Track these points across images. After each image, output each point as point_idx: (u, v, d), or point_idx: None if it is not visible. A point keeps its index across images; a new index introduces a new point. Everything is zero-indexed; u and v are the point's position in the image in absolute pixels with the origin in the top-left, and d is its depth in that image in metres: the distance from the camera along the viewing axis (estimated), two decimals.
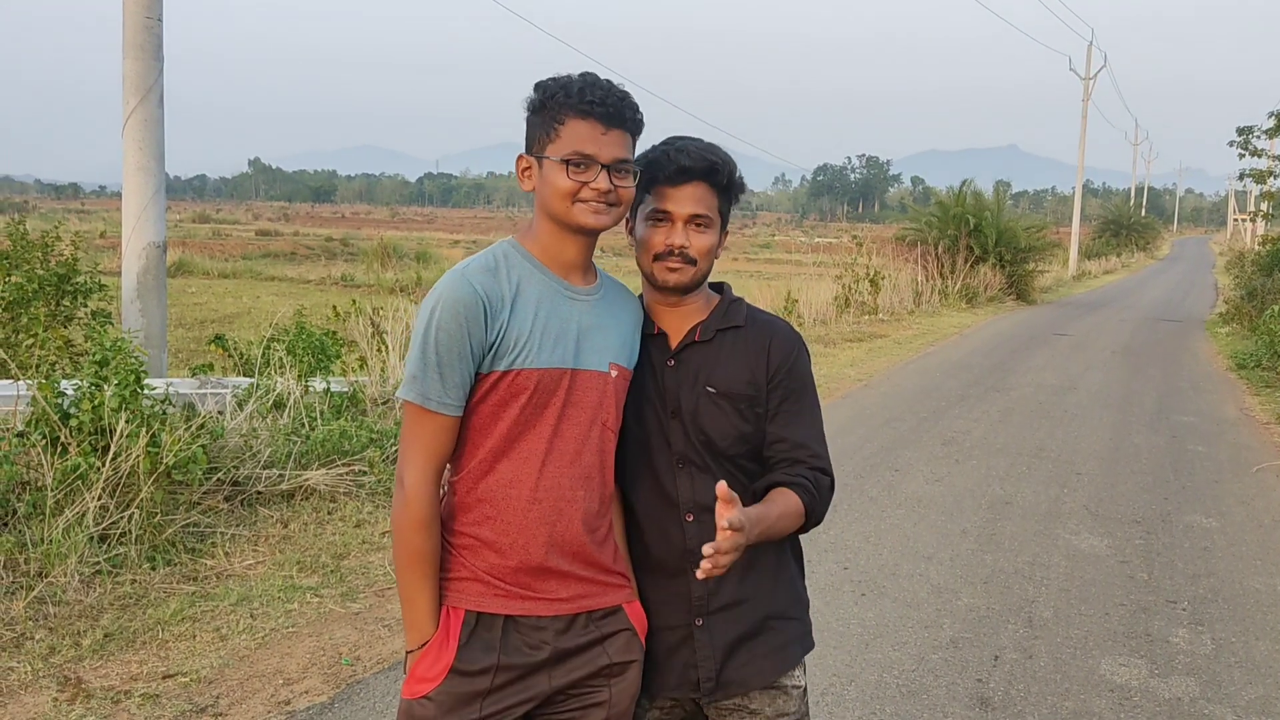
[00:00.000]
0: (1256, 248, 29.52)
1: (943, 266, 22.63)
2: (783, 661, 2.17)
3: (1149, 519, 6.79)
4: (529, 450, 1.98)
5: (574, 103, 1.94)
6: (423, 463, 1.96)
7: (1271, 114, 21.29)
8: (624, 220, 2.12)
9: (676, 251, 2.08)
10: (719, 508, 1.81)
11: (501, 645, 1.99)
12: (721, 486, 1.81)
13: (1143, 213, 68.43)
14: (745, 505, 1.96)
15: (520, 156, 2.04)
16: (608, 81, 1.99)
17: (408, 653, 2.02)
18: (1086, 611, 5.12)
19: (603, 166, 1.95)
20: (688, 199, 2.08)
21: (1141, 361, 14.93)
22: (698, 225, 2.09)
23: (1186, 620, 5.06)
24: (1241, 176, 24.95)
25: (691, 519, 2.12)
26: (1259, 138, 22.48)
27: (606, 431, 2.06)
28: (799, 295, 17.82)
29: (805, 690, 2.22)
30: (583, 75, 1.99)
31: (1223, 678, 4.43)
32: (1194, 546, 6.23)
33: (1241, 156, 22.68)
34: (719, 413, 2.12)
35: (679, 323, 2.18)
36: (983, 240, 23.51)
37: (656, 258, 2.09)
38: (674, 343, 2.16)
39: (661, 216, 2.09)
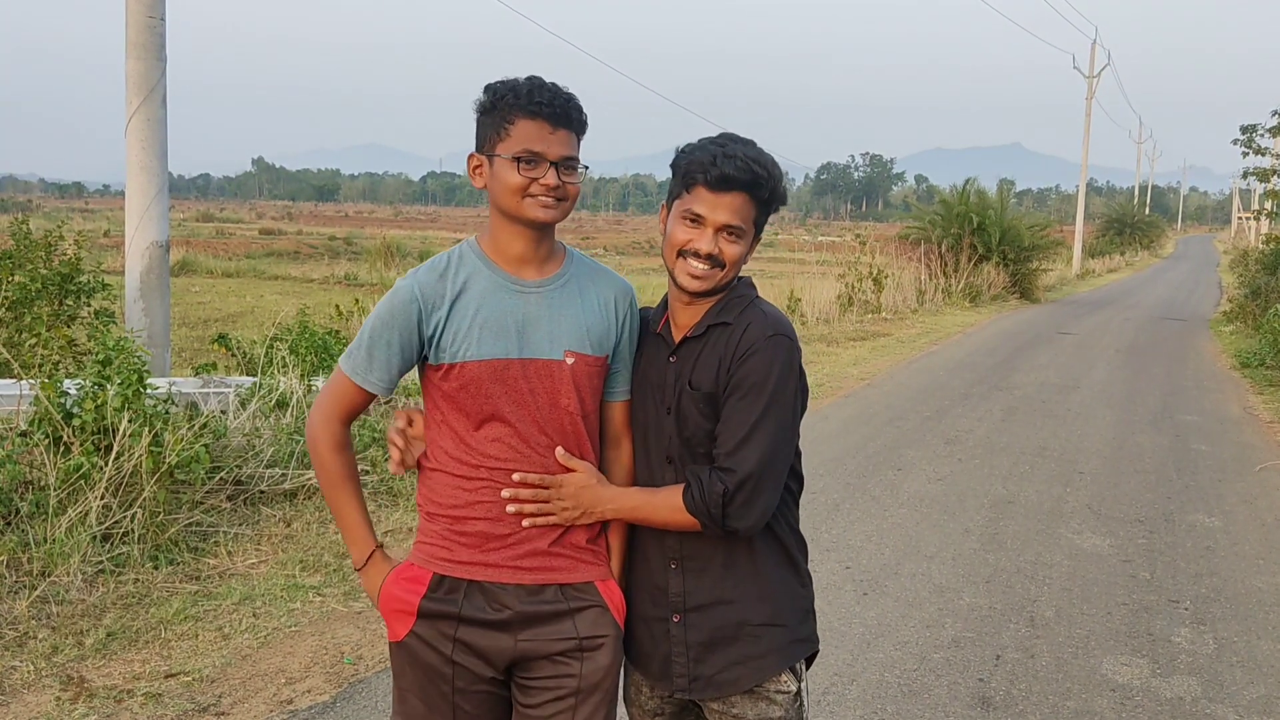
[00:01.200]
0: (1261, 246, 29.46)
1: (946, 265, 22.61)
2: (759, 670, 2.13)
3: (1151, 518, 6.78)
4: (486, 433, 2.11)
5: (523, 103, 2.04)
6: (329, 407, 2.18)
7: (1275, 112, 21.24)
8: (660, 209, 2.22)
9: (704, 256, 2.08)
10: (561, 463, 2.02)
11: (464, 603, 2.11)
12: (559, 450, 2.04)
13: (1147, 211, 68.28)
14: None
15: (471, 155, 2.15)
16: (554, 84, 2.08)
17: (355, 570, 2.23)
18: (1089, 611, 5.11)
19: (551, 163, 2.05)
20: (724, 208, 2.07)
21: (1145, 360, 14.90)
22: (730, 235, 2.09)
23: (1189, 620, 5.06)
24: (1245, 175, 24.90)
25: None
26: (1263, 136, 22.42)
27: (573, 416, 2.14)
28: (802, 294, 17.81)
29: (798, 694, 2.17)
30: (530, 78, 2.08)
31: (1225, 677, 4.43)
32: (1196, 546, 6.23)
33: (1245, 155, 22.62)
34: (694, 409, 2.11)
35: (690, 320, 2.17)
36: (986, 239, 23.47)
37: (680, 254, 2.10)
38: (679, 339, 2.17)
39: (695, 219, 2.09)
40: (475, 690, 2.14)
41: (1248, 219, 56.34)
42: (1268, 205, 23.58)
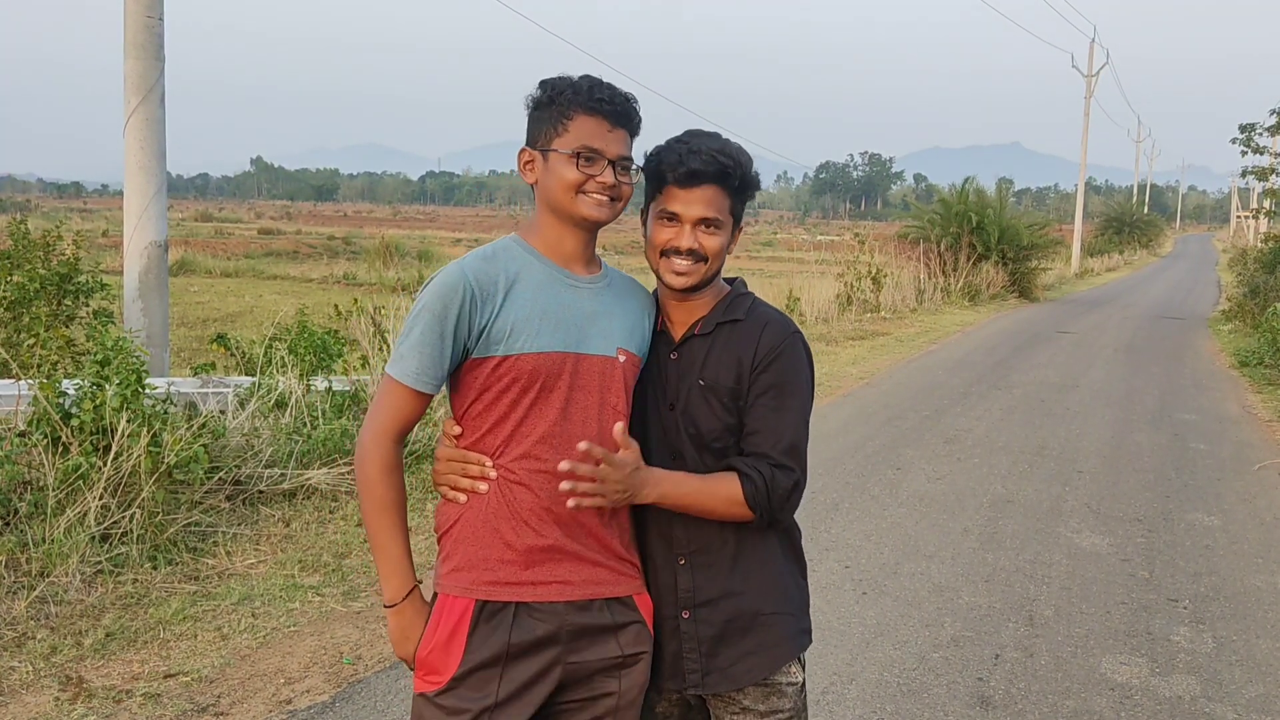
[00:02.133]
0: (1259, 245, 29.49)
1: (945, 264, 22.61)
2: (772, 659, 2.16)
3: (1150, 517, 6.78)
4: (536, 432, 2.02)
5: (583, 100, 2.01)
6: (383, 424, 2.02)
7: (1273, 111, 21.28)
8: (640, 214, 2.22)
9: (685, 252, 2.10)
10: (617, 441, 1.95)
11: (513, 628, 2.00)
12: (617, 426, 1.95)
13: (1145, 210, 68.31)
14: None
15: (523, 150, 2.10)
16: (610, 83, 2.06)
17: (387, 608, 2.05)
18: (1087, 610, 5.11)
19: (609, 162, 2.03)
20: (697, 202, 2.09)
21: (1144, 359, 14.91)
22: (707, 228, 2.11)
23: (1188, 619, 5.06)
24: (1244, 174, 24.94)
25: (679, 512, 2.13)
26: (1261, 135, 22.47)
27: (617, 415, 2.08)
28: (801, 293, 17.81)
29: (802, 686, 2.21)
30: (586, 76, 2.05)
31: (1224, 676, 4.43)
32: (1195, 545, 6.23)
33: (1244, 154, 22.68)
34: (705, 405, 2.13)
35: (687, 316, 2.20)
36: (985, 238, 23.48)
37: (663, 254, 2.12)
38: (678, 336, 2.19)
39: (671, 217, 2.11)
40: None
41: (1246, 218, 56.38)
42: (1266, 204, 23.62)
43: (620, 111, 2.04)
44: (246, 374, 7.80)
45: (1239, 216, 70.13)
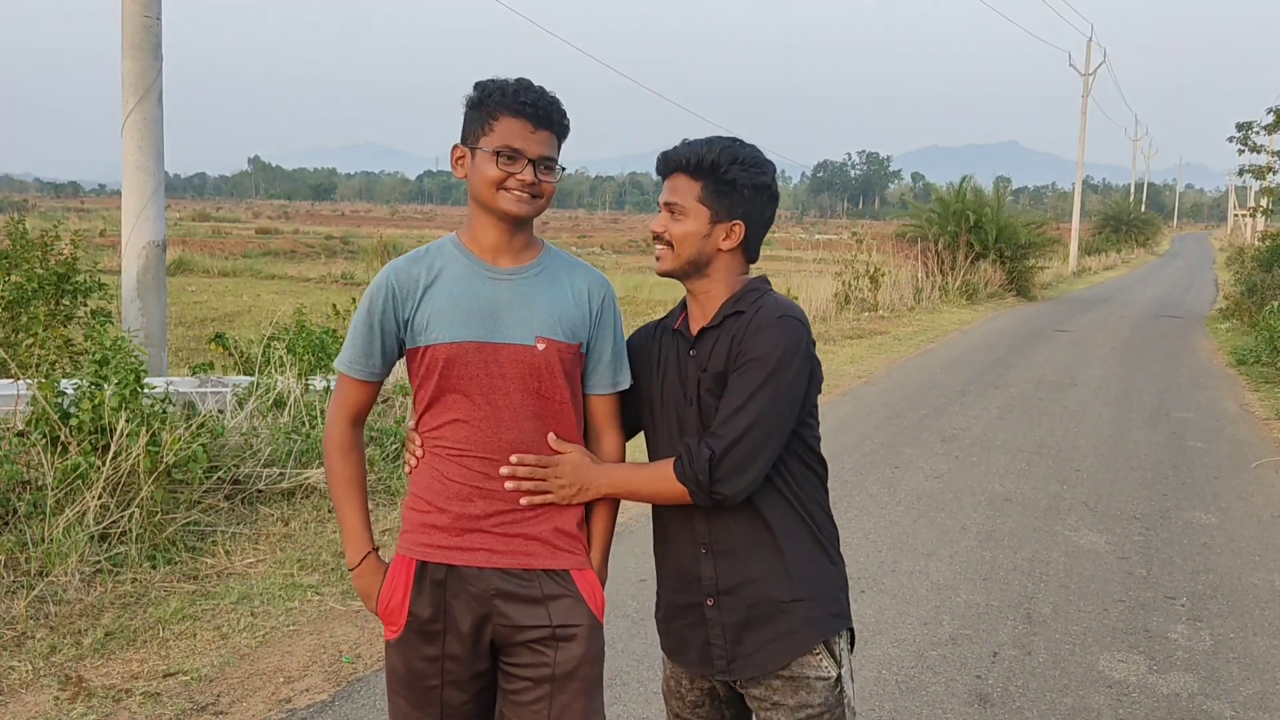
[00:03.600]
0: (1256, 243, 29.52)
1: (943, 263, 22.61)
2: (792, 646, 2.18)
3: (1148, 515, 6.79)
4: (457, 416, 2.19)
5: (508, 102, 2.14)
6: (335, 409, 2.29)
7: (1271, 110, 21.29)
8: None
9: (655, 237, 2.25)
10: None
11: (447, 587, 2.19)
12: (550, 435, 2.18)
13: (1143, 209, 68.37)
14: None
15: (455, 146, 2.24)
16: (541, 86, 2.18)
17: (350, 571, 2.31)
18: (1085, 608, 5.12)
19: (529, 161, 2.15)
20: (667, 190, 2.24)
21: (1141, 358, 14.92)
22: (672, 213, 2.22)
23: (1185, 616, 5.07)
24: (1241, 172, 24.96)
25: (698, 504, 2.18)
26: (1258, 134, 22.48)
27: (545, 400, 2.20)
28: (799, 292, 17.81)
29: (838, 680, 2.21)
30: (518, 79, 2.18)
31: (1221, 673, 4.44)
32: (1193, 543, 6.24)
33: (1241, 152, 22.69)
34: (711, 397, 2.19)
35: (699, 313, 2.28)
36: (983, 237, 23.48)
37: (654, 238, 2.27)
38: (694, 332, 2.26)
39: (659, 207, 2.27)
40: (464, 680, 2.21)
41: (1244, 216, 56.42)
42: (1263, 202, 23.63)
43: (543, 114, 2.15)
44: (245, 373, 7.80)
45: (1236, 215, 70.17)
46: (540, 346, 2.19)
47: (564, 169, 2.25)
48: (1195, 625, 4.96)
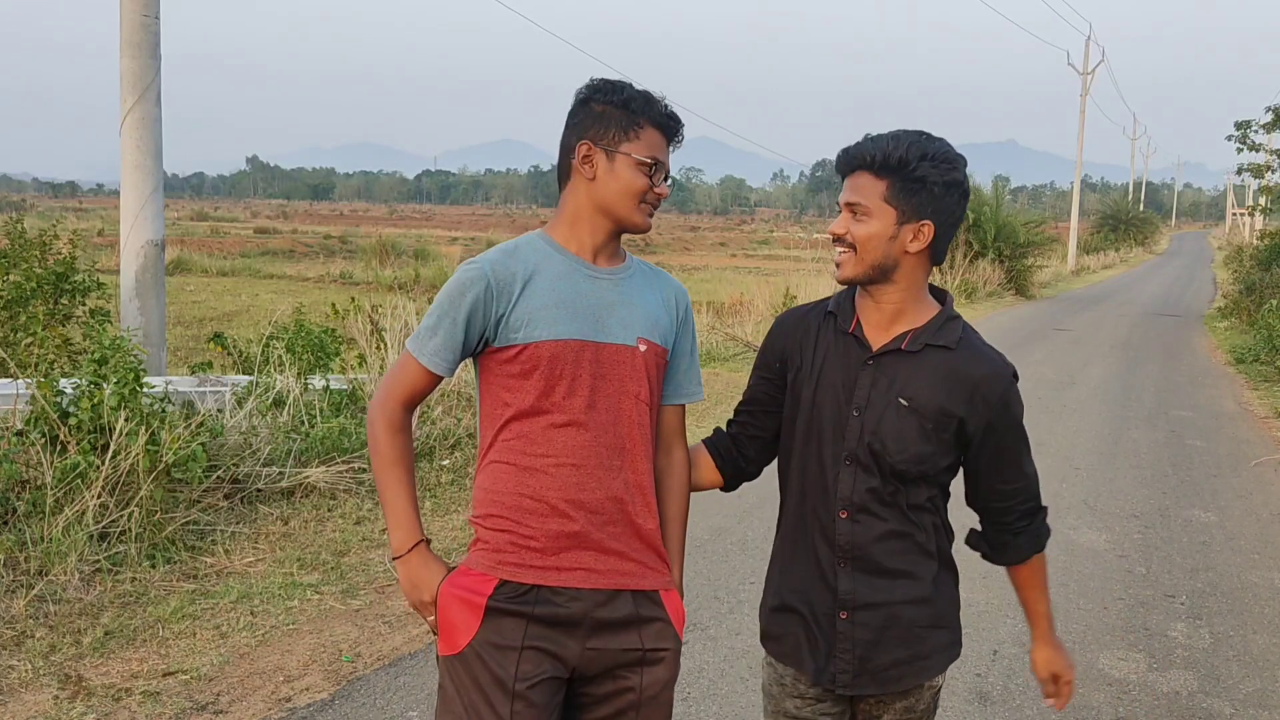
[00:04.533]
0: (1255, 242, 29.53)
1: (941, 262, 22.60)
2: (923, 671, 2.15)
3: (1147, 513, 6.80)
4: (557, 419, 2.05)
5: (653, 113, 2.10)
6: (392, 389, 2.11)
7: (1269, 108, 21.30)
8: None
9: (835, 239, 2.11)
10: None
11: (535, 605, 2.03)
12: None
13: (1141, 207, 68.40)
14: (896, 518, 2.11)
15: (584, 143, 2.10)
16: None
17: (392, 560, 2.11)
18: (1085, 606, 5.13)
19: (665, 176, 2.12)
20: (848, 189, 2.10)
21: (1140, 356, 14.93)
22: (854, 214, 2.08)
23: (1185, 614, 5.07)
24: (1240, 171, 24.98)
25: (845, 515, 2.11)
26: (1257, 132, 22.50)
27: (640, 404, 2.11)
28: (798, 291, 17.81)
29: (939, 688, 2.24)
30: (647, 90, 2.13)
31: (1221, 671, 4.44)
32: (1192, 541, 6.24)
33: (1239, 151, 22.70)
34: (904, 426, 2.07)
35: (885, 322, 2.13)
36: (981, 235, 23.50)
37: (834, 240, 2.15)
38: (875, 341, 2.12)
39: (840, 208, 2.13)
40: (535, 702, 2.02)
41: (1242, 215, 56.44)
42: (1262, 201, 23.64)
43: (676, 132, 2.14)
44: (244, 373, 7.80)
45: (1234, 214, 70.21)
46: (642, 348, 2.11)
47: (674, 182, 2.23)
48: (1195, 623, 4.96)
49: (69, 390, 5.40)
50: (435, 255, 32.43)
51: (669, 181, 2.15)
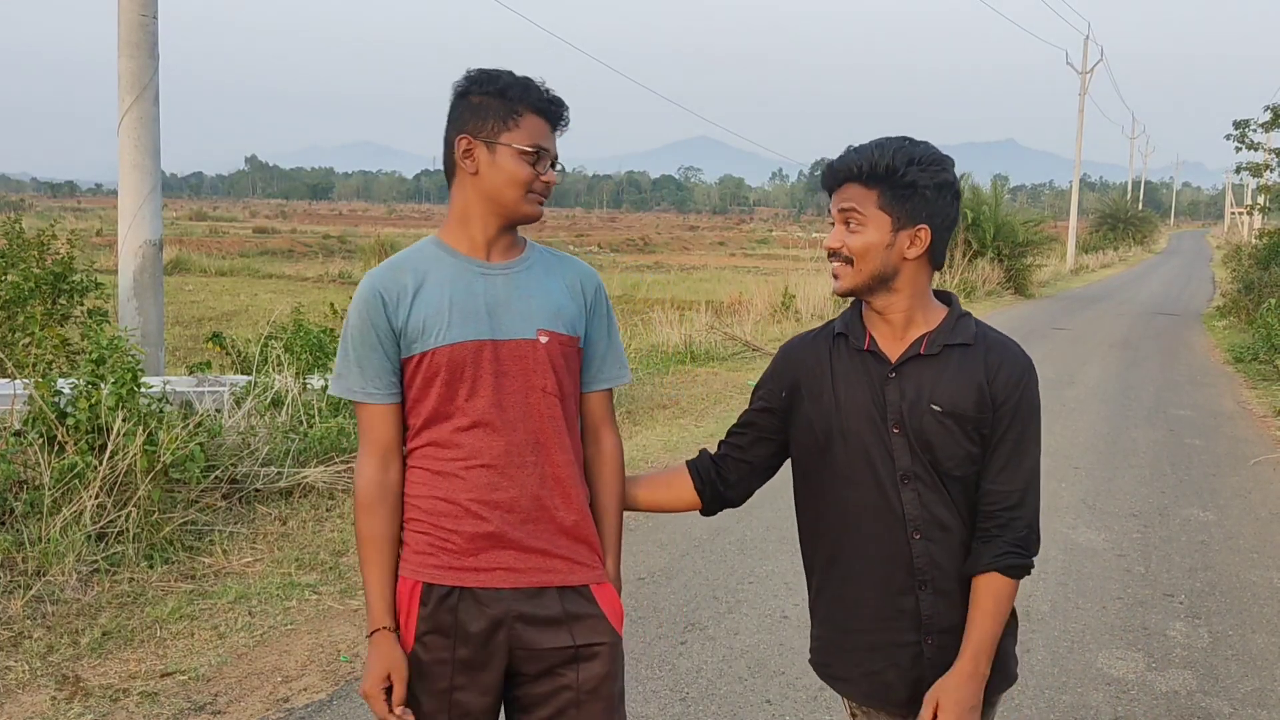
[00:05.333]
0: (1253, 241, 29.53)
1: None
2: (993, 686, 2.09)
3: (1146, 513, 6.80)
4: (462, 422, 2.04)
5: (532, 99, 2.05)
6: (366, 449, 2.07)
7: (1268, 108, 21.29)
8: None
9: (831, 254, 2.06)
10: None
11: (458, 610, 2.04)
12: None
13: (1140, 207, 68.41)
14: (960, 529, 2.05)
15: (463, 137, 2.06)
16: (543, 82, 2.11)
17: (368, 636, 2.08)
18: (1084, 605, 5.12)
19: (552, 163, 2.08)
20: (840, 200, 2.06)
21: (1139, 355, 14.94)
22: (848, 225, 2.05)
23: (1184, 613, 5.07)
24: (1239, 170, 24.98)
25: (919, 536, 2.05)
26: (1255, 131, 22.49)
27: (549, 397, 2.08)
28: (797, 290, 17.82)
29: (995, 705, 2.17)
30: (524, 75, 2.08)
31: (1220, 670, 4.44)
32: (1191, 540, 6.24)
33: (1238, 150, 22.69)
34: (945, 433, 2.03)
35: (898, 332, 2.09)
36: (981, 235, 23.51)
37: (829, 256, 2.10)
38: (893, 353, 2.08)
39: (831, 221, 2.10)
40: (473, 714, 2.08)
41: (1241, 214, 56.46)
42: (1260, 200, 23.65)
43: (560, 114, 2.09)
44: (242, 373, 7.80)
45: (1233, 213, 70.24)
46: (543, 340, 2.07)
47: (563, 169, 2.17)
48: (1193, 622, 4.96)
49: (67, 390, 5.39)
50: None
51: (558, 168, 2.11)
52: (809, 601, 2.28)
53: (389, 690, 2.02)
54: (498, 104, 2.04)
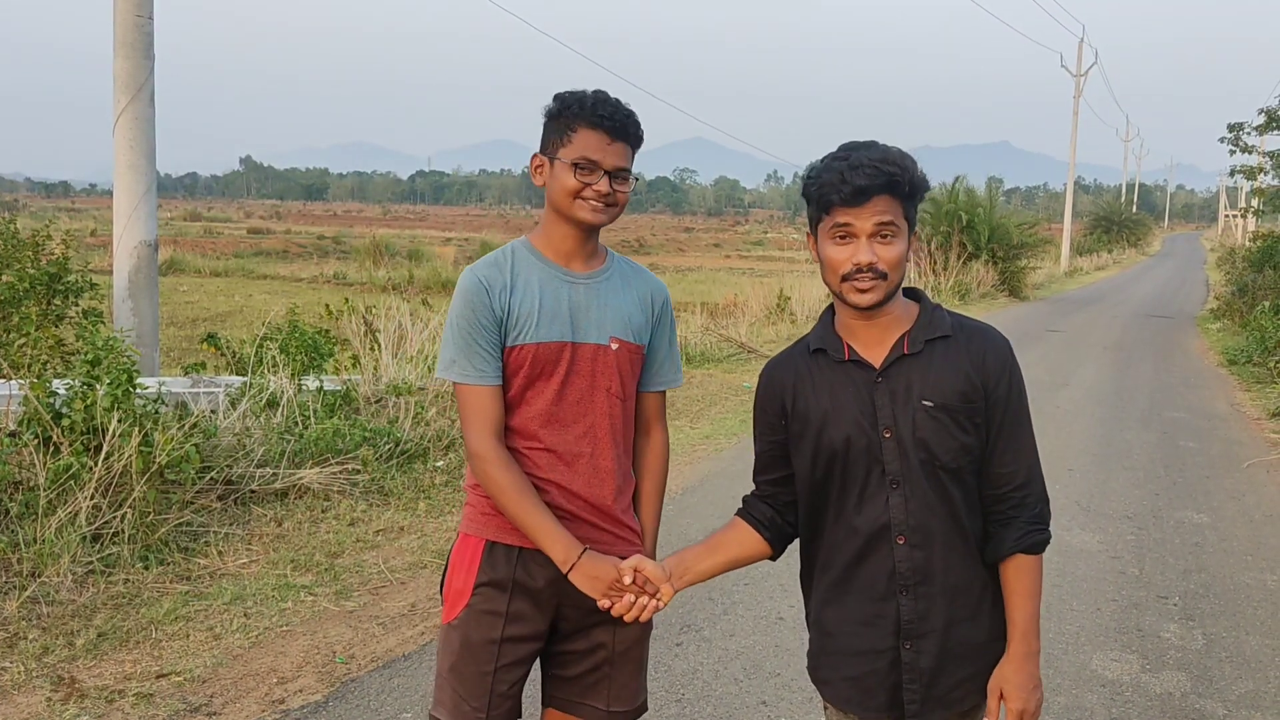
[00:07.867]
0: (1247, 244, 29.62)
1: (935, 263, 22.67)
2: (984, 689, 2.13)
3: (1140, 515, 6.81)
4: (536, 411, 2.29)
5: (586, 114, 2.25)
6: (478, 427, 2.27)
7: (1262, 111, 21.33)
8: (805, 235, 2.23)
9: (865, 269, 2.01)
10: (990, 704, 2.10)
11: (517, 566, 2.29)
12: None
13: (1134, 209, 68.58)
14: (960, 537, 2.09)
15: (535, 155, 2.34)
16: (617, 99, 2.30)
17: (566, 571, 2.23)
18: (1078, 607, 5.14)
19: (605, 172, 2.26)
20: (869, 214, 2.00)
21: (1133, 357, 14.97)
22: (883, 238, 2.01)
23: (1177, 615, 5.09)
24: (1232, 173, 25.02)
25: (903, 541, 2.07)
26: (1249, 134, 22.53)
27: (612, 398, 2.34)
28: (792, 292, 17.84)
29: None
30: (596, 92, 2.29)
31: (1214, 672, 4.45)
32: (1185, 542, 6.26)
33: (1232, 153, 22.72)
34: (939, 427, 2.04)
35: (877, 335, 2.10)
36: (975, 237, 23.54)
37: (844, 278, 2.03)
38: (875, 358, 2.08)
39: (845, 235, 2.02)
40: (517, 664, 2.32)
41: (1235, 216, 56.63)
42: (1254, 203, 23.70)
43: (619, 126, 2.26)
44: (237, 374, 7.79)
45: (1227, 215, 70.44)
46: (614, 346, 2.33)
47: (638, 177, 2.37)
48: (1188, 624, 4.97)
49: (62, 391, 5.38)
50: (429, 256, 32.42)
51: (615, 177, 2.28)
52: (805, 606, 2.31)
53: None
54: (555, 123, 2.29)
